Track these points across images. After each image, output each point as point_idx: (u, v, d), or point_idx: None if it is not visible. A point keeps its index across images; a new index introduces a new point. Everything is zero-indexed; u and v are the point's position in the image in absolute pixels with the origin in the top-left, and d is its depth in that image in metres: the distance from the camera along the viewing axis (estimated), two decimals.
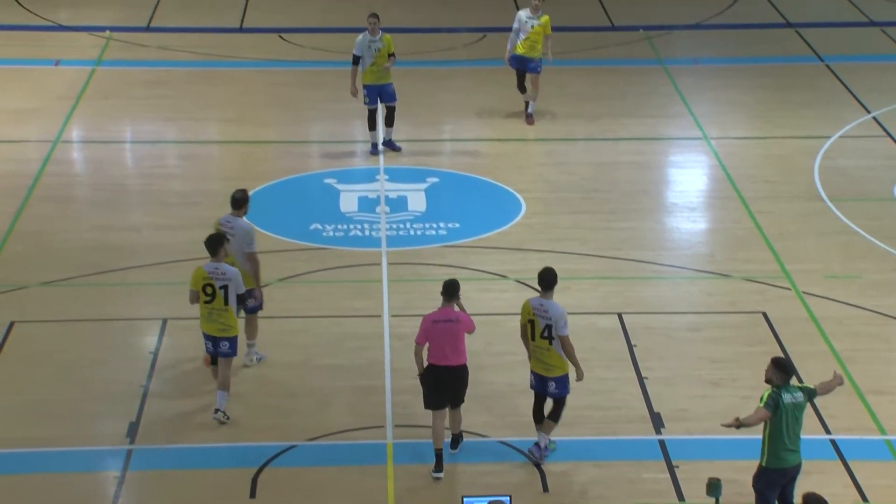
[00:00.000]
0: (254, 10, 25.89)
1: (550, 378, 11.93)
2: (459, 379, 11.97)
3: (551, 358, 11.87)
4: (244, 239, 13.33)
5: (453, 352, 11.84)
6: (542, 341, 11.85)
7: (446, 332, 11.78)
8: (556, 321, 11.75)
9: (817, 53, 23.47)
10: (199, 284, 12.62)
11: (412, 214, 17.15)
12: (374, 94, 18.63)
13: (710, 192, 18.11)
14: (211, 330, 12.69)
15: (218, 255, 12.62)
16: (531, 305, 11.92)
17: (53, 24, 24.72)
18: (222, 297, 12.53)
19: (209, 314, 12.66)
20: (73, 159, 19.17)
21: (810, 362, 13.68)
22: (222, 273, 12.55)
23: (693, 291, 15.42)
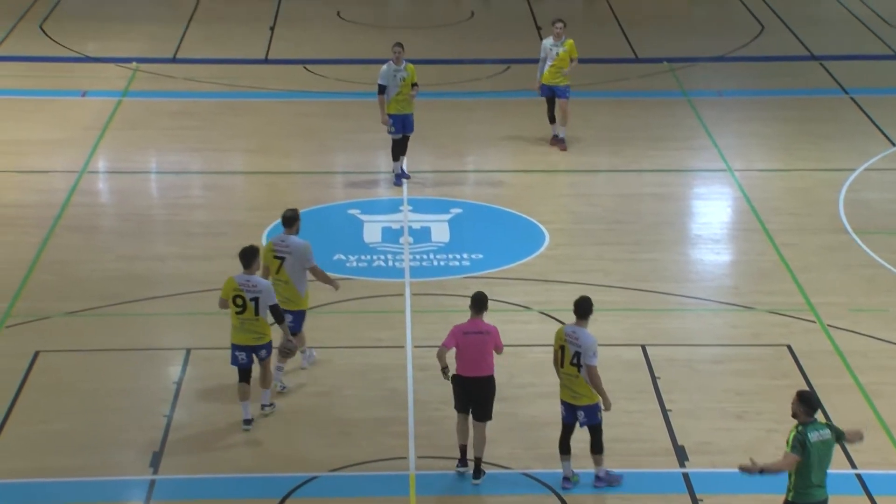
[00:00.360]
0: (279, 41, 26.06)
1: (579, 407, 11.96)
2: (485, 390, 12.12)
3: (580, 386, 11.90)
4: (303, 255, 13.51)
5: (481, 363, 12.04)
6: (571, 368, 11.90)
7: (475, 344, 11.99)
8: (586, 350, 11.81)
9: (842, 86, 23.44)
10: (230, 295, 12.86)
11: (436, 245, 17.17)
12: (398, 124, 18.72)
13: (734, 223, 18.07)
14: (246, 340, 12.89)
15: (251, 267, 12.86)
16: (564, 332, 11.99)
17: (81, 56, 24.93)
18: (253, 309, 12.78)
19: (241, 325, 12.89)
20: (98, 189, 19.29)
21: (836, 396, 13.60)
22: (253, 285, 12.78)
23: (717, 324, 15.37)
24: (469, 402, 12.17)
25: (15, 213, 18.06)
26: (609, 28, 27.18)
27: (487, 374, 12.12)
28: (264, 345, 12.94)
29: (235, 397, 13.21)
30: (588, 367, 11.80)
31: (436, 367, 13.12)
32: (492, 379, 12.16)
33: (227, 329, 14.53)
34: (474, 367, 12.06)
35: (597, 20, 28.13)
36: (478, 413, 12.17)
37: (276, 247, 13.55)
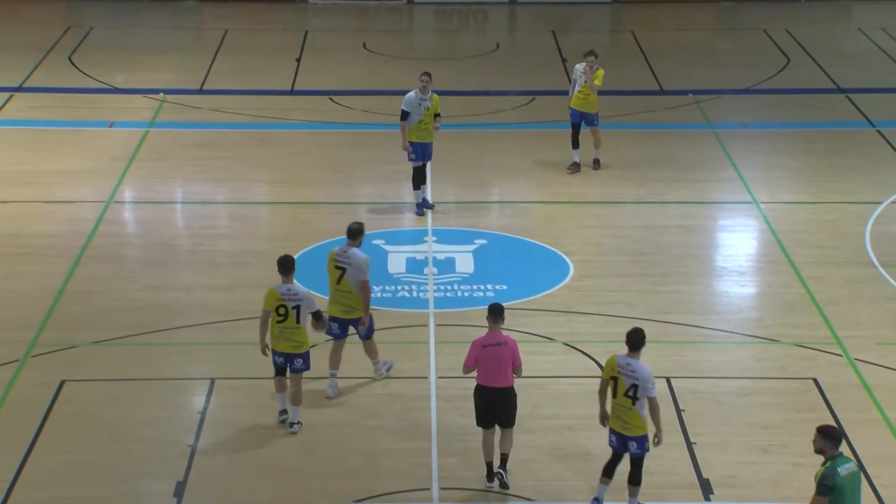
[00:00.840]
0: (305, 72, 26.20)
1: (630, 437, 11.94)
2: (506, 400, 12.38)
3: (632, 417, 11.88)
4: (360, 268, 13.89)
5: (500, 375, 12.30)
6: (626, 400, 11.87)
7: (494, 356, 12.27)
8: (644, 382, 11.79)
9: (868, 118, 23.38)
10: (273, 305, 13.30)
11: (460, 276, 17.17)
12: (418, 151, 18.81)
13: (760, 256, 18.01)
14: (284, 347, 13.36)
15: (289, 276, 13.34)
16: (617, 363, 11.93)
17: (108, 87, 25.12)
18: (294, 317, 13.24)
19: (281, 332, 13.33)
20: (125, 219, 19.39)
21: (862, 430, 13.50)
22: (294, 294, 13.27)
23: (742, 356, 15.29)
24: (491, 413, 12.42)
25: (43, 242, 18.16)
26: (634, 60, 27.21)
27: (507, 384, 12.35)
28: (301, 354, 13.37)
29: (261, 423, 13.40)
30: (649, 398, 11.79)
31: (459, 398, 13.43)
32: (512, 390, 12.41)
33: (252, 360, 14.68)
34: (494, 378, 12.32)
35: (622, 52, 28.18)
36: (503, 422, 12.47)
37: (338, 257, 14.02)
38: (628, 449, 12.01)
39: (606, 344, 15.23)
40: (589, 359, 14.99)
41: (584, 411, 13.85)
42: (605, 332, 15.66)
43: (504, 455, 12.56)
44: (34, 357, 15.02)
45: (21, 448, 13.18)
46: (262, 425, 13.64)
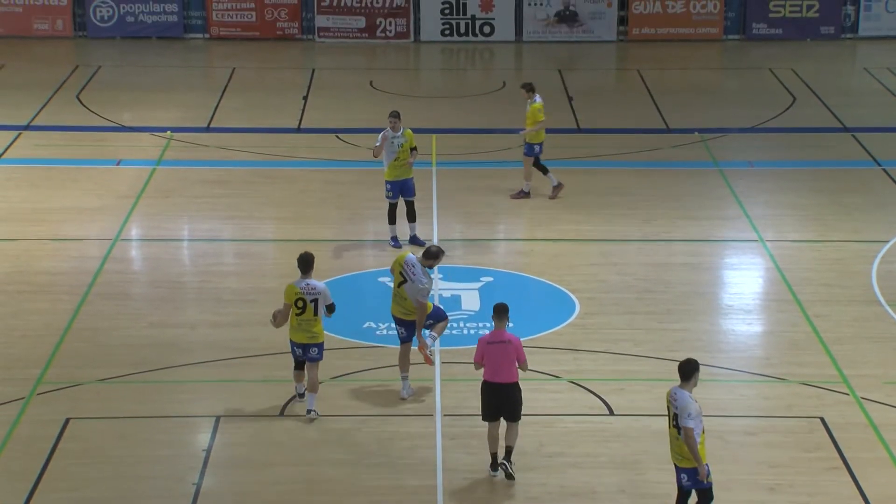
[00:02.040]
0: (312, 110, 26.31)
1: (682, 469, 12.02)
2: (510, 396, 13.00)
3: (681, 448, 11.95)
4: (420, 292, 14.57)
5: (505, 371, 12.94)
6: (672, 430, 12.01)
7: (498, 353, 12.92)
8: (681, 411, 11.85)
9: (874, 157, 23.41)
10: (292, 299, 14.30)
11: (466, 314, 17.15)
12: (396, 189, 18.97)
13: (766, 294, 17.98)
14: (301, 338, 14.36)
15: (308, 272, 14.34)
16: (669, 393, 12.10)
17: (116, 125, 25.23)
18: (312, 310, 14.25)
19: (299, 325, 14.32)
20: (131, 257, 19.42)
21: (869, 470, 13.44)
22: (312, 288, 14.28)
23: (749, 395, 15.25)
24: (496, 408, 13.05)
25: (49, 280, 18.19)
26: (640, 98, 27.30)
27: (512, 380, 12.97)
28: (317, 344, 14.36)
29: (266, 461, 13.45)
30: (684, 428, 11.81)
31: (465, 436, 13.52)
32: (516, 385, 13.00)
33: (257, 397, 14.82)
34: (499, 374, 12.96)
35: (628, 90, 28.28)
36: (508, 416, 13.10)
37: (405, 267, 14.77)
38: (680, 480, 12.00)
39: (612, 382, 15.20)
40: (595, 396, 14.96)
41: (590, 449, 13.82)
42: (611, 369, 15.63)
43: (509, 447, 13.12)
44: (40, 394, 15.01)
45: (27, 485, 13.16)
46: (266, 463, 13.61)
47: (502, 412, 13.08)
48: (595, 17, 31.84)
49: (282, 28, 31.82)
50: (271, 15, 31.72)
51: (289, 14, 31.76)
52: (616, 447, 13.85)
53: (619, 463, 13.58)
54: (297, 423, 14.38)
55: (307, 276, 14.33)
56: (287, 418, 14.50)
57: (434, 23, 31.88)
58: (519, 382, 13.08)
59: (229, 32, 31.77)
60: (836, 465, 13.55)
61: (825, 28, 31.91)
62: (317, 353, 14.36)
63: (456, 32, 31.91)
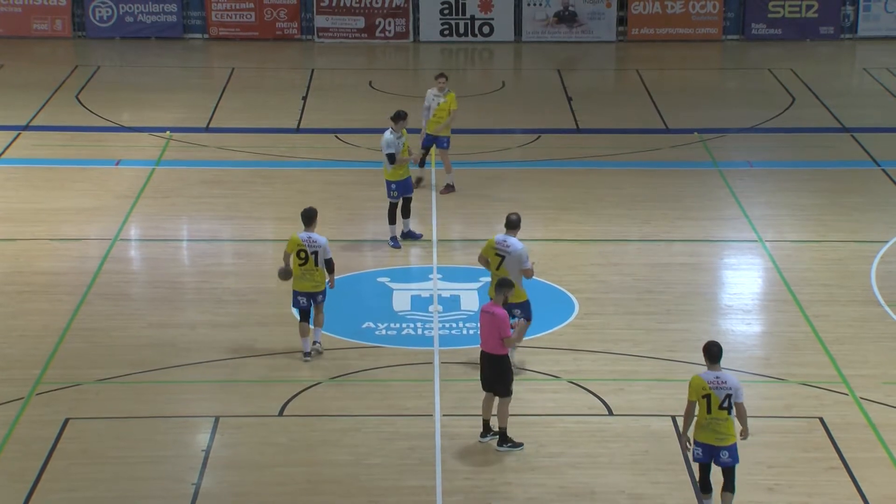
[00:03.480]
0: (311, 111, 26.31)
1: (724, 447, 12.33)
2: (492, 366, 13.59)
3: (728, 428, 12.33)
4: (520, 256, 14.84)
5: (488, 341, 13.59)
6: (722, 412, 12.26)
7: (485, 323, 13.61)
8: (737, 390, 12.30)
9: (873, 158, 23.41)
10: (294, 249, 15.44)
11: (465, 314, 17.16)
12: (401, 189, 19.27)
13: (765, 294, 17.98)
14: (306, 287, 15.50)
15: (311, 226, 15.52)
16: (705, 380, 12.26)
17: (115, 125, 25.23)
18: (313, 261, 15.41)
19: (303, 275, 15.47)
20: (130, 257, 19.42)
21: (869, 470, 13.44)
22: (314, 241, 15.46)
23: (748, 395, 15.09)
24: (485, 377, 13.67)
25: (48, 280, 18.18)
26: (640, 99, 27.30)
27: (494, 352, 13.52)
28: (321, 291, 15.52)
29: (265, 462, 13.41)
30: (737, 405, 12.29)
31: (464, 436, 13.57)
32: (500, 359, 13.51)
33: (256, 397, 14.82)
34: (485, 343, 13.64)
35: (627, 91, 28.29)
36: (497, 389, 13.62)
37: (498, 245, 15.09)
38: (716, 459, 12.36)
39: (612, 382, 15.20)
40: (594, 397, 14.96)
41: (590, 449, 13.82)
42: (611, 370, 15.63)
43: (500, 430, 13.62)
44: (39, 395, 15.00)
45: (25, 486, 13.16)
46: (265, 463, 13.61)
47: (487, 383, 13.69)
48: (594, 18, 31.84)
49: (281, 28, 31.82)
50: (270, 15, 31.72)
51: (288, 14, 31.76)
52: (615, 447, 13.85)
53: (619, 463, 13.58)
54: (296, 424, 14.38)
55: (310, 229, 15.49)
56: (286, 418, 14.50)
57: (433, 23, 31.88)
58: (504, 359, 13.52)
59: (228, 33, 31.77)
60: (835, 466, 13.55)
61: (824, 28, 31.91)
62: (322, 298, 15.60)
63: (455, 33, 31.92)
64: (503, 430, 13.70)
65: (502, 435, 13.71)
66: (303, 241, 15.44)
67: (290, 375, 15.42)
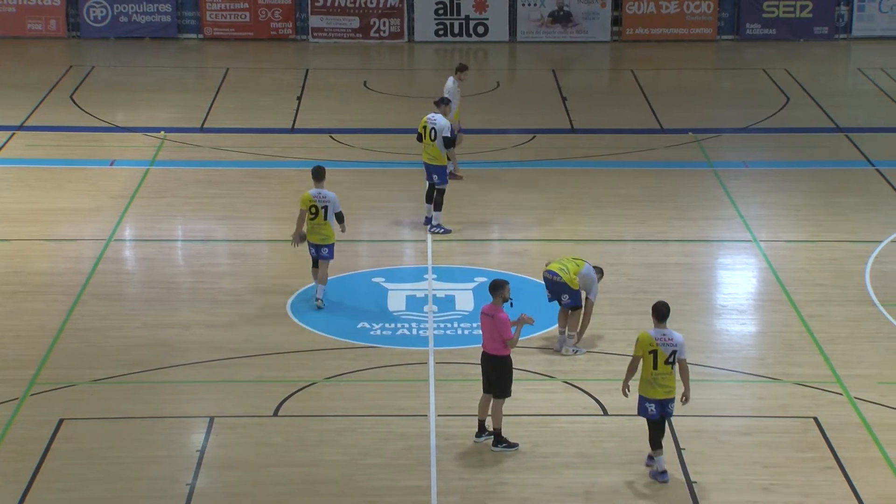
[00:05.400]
0: (305, 111, 26.30)
1: (671, 399, 13.12)
2: (494, 367, 13.64)
3: (672, 381, 13.09)
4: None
5: (488, 342, 13.65)
6: (667, 367, 13.00)
7: (485, 325, 13.67)
8: (681, 346, 13.01)
9: (868, 158, 23.43)
10: (307, 205, 16.92)
11: (460, 314, 17.16)
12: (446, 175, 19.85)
13: (760, 294, 17.99)
14: (315, 239, 17.02)
15: (321, 182, 16.93)
16: (652, 336, 13.01)
17: (110, 126, 25.21)
18: (322, 215, 16.88)
19: (312, 228, 16.98)
20: (125, 257, 19.40)
21: (863, 470, 13.45)
22: (323, 197, 16.91)
23: (743, 395, 15.26)
24: (486, 377, 13.71)
25: (43, 280, 18.16)
26: (634, 98, 27.32)
27: (494, 353, 13.58)
28: (327, 245, 16.97)
29: (260, 462, 13.49)
30: (681, 361, 12.99)
31: (459, 436, 13.59)
32: (502, 359, 13.57)
33: (251, 397, 14.92)
34: (485, 345, 13.71)
35: (622, 91, 28.30)
36: (494, 390, 13.68)
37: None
38: (665, 412, 13.08)
39: (606, 382, 15.20)
40: (589, 397, 14.96)
41: (585, 449, 13.82)
42: (606, 369, 15.63)
43: (495, 430, 13.66)
44: (33, 395, 14.98)
45: (20, 486, 13.14)
46: (261, 463, 13.60)
47: (488, 384, 13.73)
48: (589, 18, 31.86)
49: (276, 28, 31.80)
50: (265, 15, 31.70)
51: (282, 14, 31.75)
52: (610, 447, 13.86)
53: (614, 463, 13.59)
54: (291, 424, 14.37)
55: (319, 185, 16.88)
56: (281, 418, 14.49)
57: (428, 23, 31.88)
58: (505, 360, 13.58)
59: (223, 33, 31.75)
60: (830, 465, 13.56)
61: (819, 28, 31.95)
62: (327, 252, 16.95)
63: (450, 33, 31.92)
64: (498, 431, 13.71)
65: (497, 435, 13.72)
66: (313, 196, 16.84)
67: (285, 375, 15.41)
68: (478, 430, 13.91)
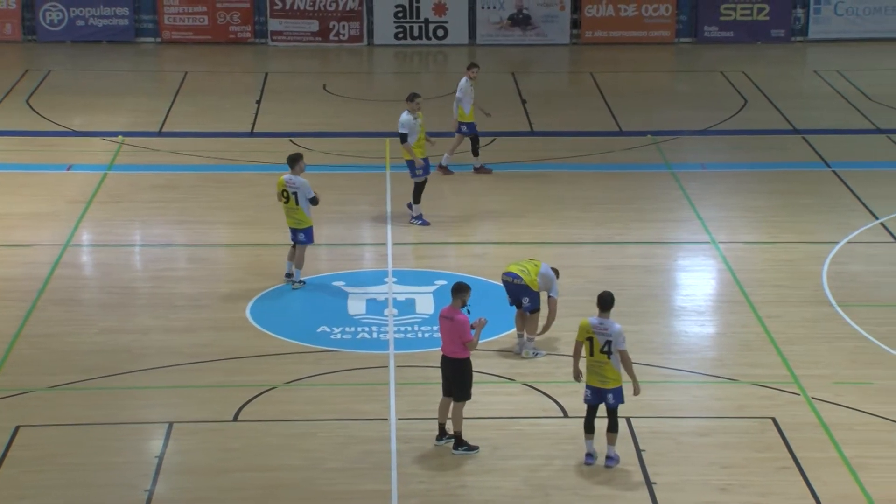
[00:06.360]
0: (264, 114, 26.21)
1: (608, 390, 13.32)
2: (454, 371, 13.66)
3: (609, 371, 13.30)
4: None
5: (449, 345, 13.65)
6: (602, 356, 13.28)
7: (445, 329, 13.69)
8: (616, 338, 13.22)
9: (824, 159, 23.61)
10: (279, 189, 17.66)
11: (420, 317, 17.15)
12: (425, 166, 20.20)
13: (718, 296, 18.09)
14: (290, 223, 17.71)
15: (293, 169, 17.60)
16: (590, 324, 13.34)
17: (67, 130, 25.03)
18: (294, 200, 17.56)
19: (287, 212, 17.72)
20: (82, 262, 19.26)
21: (821, 469, 13.55)
22: (293, 183, 17.56)
23: (701, 396, 15.33)
24: (446, 381, 13.73)
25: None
26: (593, 101, 27.41)
27: (455, 356, 13.61)
28: (302, 229, 17.61)
29: (219, 467, 13.47)
30: (620, 351, 13.19)
31: (419, 439, 13.60)
32: (461, 362, 13.62)
33: (210, 402, 14.90)
34: (445, 348, 13.71)
35: (581, 94, 28.39)
36: (455, 393, 13.68)
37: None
38: (604, 401, 13.34)
39: (566, 384, 15.23)
40: (549, 399, 14.99)
41: (545, 451, 13.84)
42: (565, 371, 15.62)
43: (455, 433, 13.69)
44: None
45: None
46: (220, 469, 13.53)
47: (449, 388, 13.73)
48: (548, 21, 31.94)
49: (234, 32, 31.68)
50: (223, 19, 31.58)
51: (241, 18, 31.63)
52: (570, 449, 13.88)
53: (574, 465, 13.62)
54: (251, 429, 14.31)
55: (293, 171, 17.54)
56: (241, 423, 14.43)
57: (387, 26, 31.86)
58: (465, 363, 13.62)
59: (181, 36, 31.60)
60: (787, 465, 13.65)
61: (775, 31, 32.17)
62: (303, 237, 17.59)
63: (409, 36, 31.91)
64: (458, 434, 13.71)
65: (458, 438, 13.72)
66: (285, 181, 17.54)
67: (245, 380, 15.35)
68: (438, 433, 13.91)
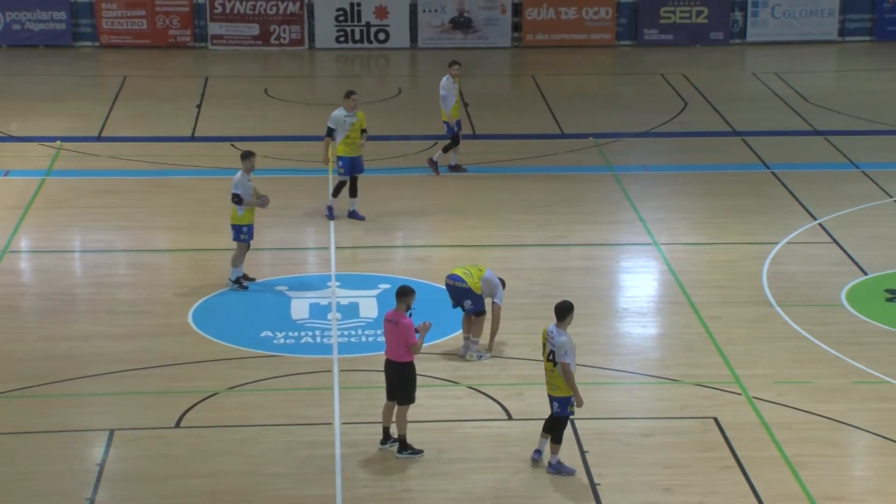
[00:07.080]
0: (205, 119, 26.05)
1: (553, 397, 13.34)
2: (398, 374, 13.64)
3: (555, 379, 13.28)
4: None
5: (392, 349, 13.63)
6: (548, 364, 13.33)
7: (389, 332, 13.66)
8: (558, 348, 13.18)
9: (763, 161, 23.84)
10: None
11: (364, 321, 17.10)
12: (347, 165, 20.09)
13: (660, 297, 18.20)
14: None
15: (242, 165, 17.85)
16: (546, 331, 13.39)
17: (3, 135, 24.72)
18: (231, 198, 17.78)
19: None
20: (21, 269, 19.02)
21: (762, 468, 13.66)
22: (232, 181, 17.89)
23: (644, 397, 15.42)
24: (389, 384, 13.71)
25: None
26: (535, 104, 27.50)
27: (398, 359, 13.57)
28: (231, 225, 17.82)
29: (161, 474, 13.36)
30: (561, 364, 13.12)
31: (364, 443, 13.52)
32: (405, 366, 13.59)
33: (152, 409, 14.79)
34: (390, 352, 13.69)
35: (523, 97, 28.47)
36: (398, 397, 13.68)
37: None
38: (552, 407, 13.35)
39: (510, 386, 15.27)
40: (494, 402, 15.00)
41: (490, 454, 13.85)
42: (510, 374, 15.69)
43: (399, 437, 13.69)
44: None
45: None
46: (162, 476, 13.42)
47: (393, 391, 13.71)
48: (489, 24, 32.02)
49: (174, 36, 31.46)
50: (163, 22, 31.34)
51: (181, 22, 31.41)
52: (516, 451, 13.90)
53: (520, 467, 13.64)
54: (194, 435, 14.20)
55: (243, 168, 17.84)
56: (183, 430, 14.31)
57: (328, 30, 31.78)
58: (409, 366, 13.59)
59: (120, 40, 31.32)
60: (729, 465, 13.75)
61: (714, 34, 32.46)
62: (233, 234, 17.83)
63: (351, 39, 31.85)
64: (403, 437, 13.69)
65: (402, 442, 13.70)
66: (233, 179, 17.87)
67: (187, 386, 15.23)
68: (383, 437, 13.89)
